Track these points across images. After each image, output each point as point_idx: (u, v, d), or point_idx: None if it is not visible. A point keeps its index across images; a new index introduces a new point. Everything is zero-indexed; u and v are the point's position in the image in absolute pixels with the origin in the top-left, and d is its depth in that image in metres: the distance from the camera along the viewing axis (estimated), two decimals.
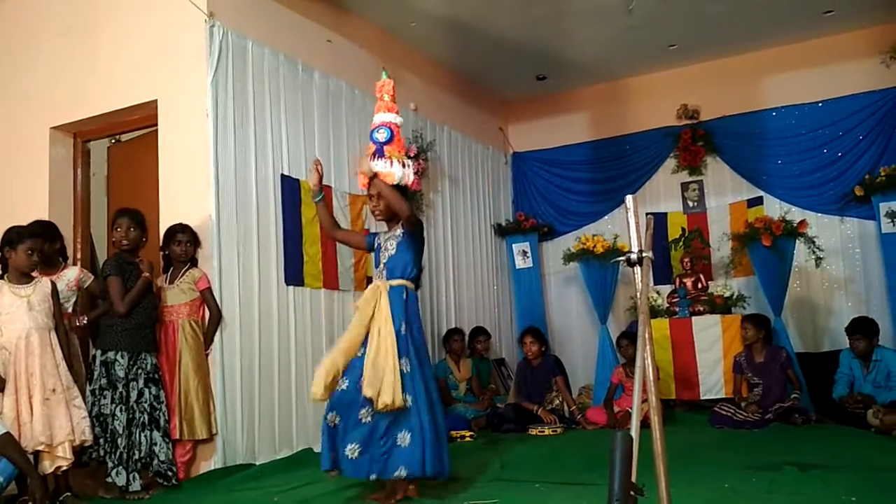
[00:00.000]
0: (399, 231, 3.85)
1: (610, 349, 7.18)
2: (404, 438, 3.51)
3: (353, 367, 3.62)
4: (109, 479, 4.02)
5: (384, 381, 3.44)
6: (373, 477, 3.53)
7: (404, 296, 3.75)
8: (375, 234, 4.06)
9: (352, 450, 3.52)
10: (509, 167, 8.77)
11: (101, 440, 4.04)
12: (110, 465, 4.03)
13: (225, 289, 4.75)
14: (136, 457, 4.09)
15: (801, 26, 7.07)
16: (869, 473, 3.71)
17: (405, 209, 3.77)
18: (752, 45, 7.45)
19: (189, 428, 4.42)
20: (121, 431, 4.05)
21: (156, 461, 4.19)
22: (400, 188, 3.86)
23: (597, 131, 8.37)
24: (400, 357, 3.56)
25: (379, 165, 3.84)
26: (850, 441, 4.76)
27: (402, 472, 3.47)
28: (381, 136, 3.95)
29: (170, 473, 4.22)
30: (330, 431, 3.62)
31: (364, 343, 3.66)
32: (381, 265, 3.86)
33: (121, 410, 4.08)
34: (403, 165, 3.88)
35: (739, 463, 4.13)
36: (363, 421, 3.53)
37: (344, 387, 3.61)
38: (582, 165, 8.42)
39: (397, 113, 4.08)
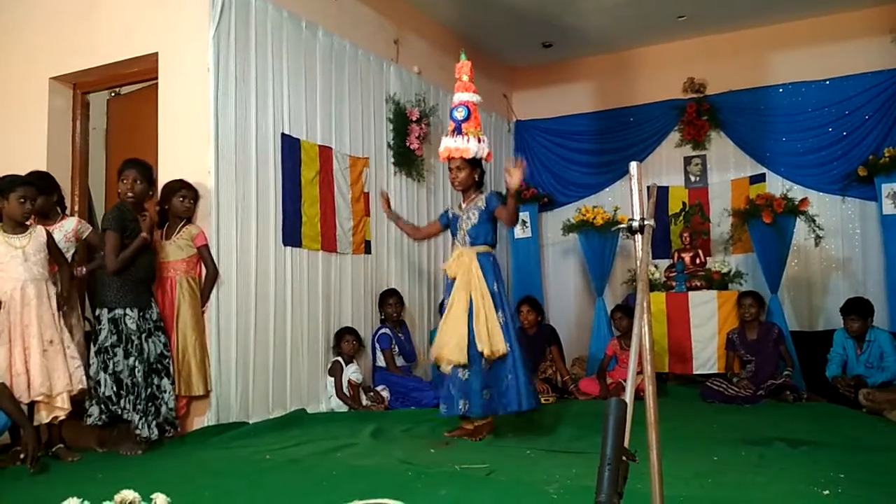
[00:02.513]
0: (481, 204, 4.43)
1: (605, 321, 7.20)
2: (512, 380, 4.26)
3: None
4: (138, 432, 4.02)
5: (492, 335, 4.17)
6: (500, 412, 4.28)
7: (491, 259, 4.42)
8: (444, 212, 4.79)
9: (485, 394, 4.23)
10: (512, 135, 8.71)
11: (120, 398, 4.03)
12: (136, 418, 4.02)
13: (222, 246, 4.74)
14: (154, 409, 4.11)
15: (812, 2, 6.97)
16: (857, 452, 3.72)
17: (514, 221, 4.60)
18: (761, 19, 7.35)
19: (185, 384, 4.44)
20: (141, 383, 4.04)
21: (164, 409, 4.22)
22: (475, 160, 4.43)
23: (602, 102, 8.30)
24: (497, 311, 4.27)
25: (455, 142, 4.36)
26: (840, 420, 4.78)
27: (514, 407, 4.25)
28: (460, 114, 4.44)
29: (176, 421, 4.29)
30: (458, 383, 4.24)
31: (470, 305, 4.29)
32: (463, 233, 4.46)
33: (139, 363, 4.06)
34: (479, 140, 4.41)
35: (729, 437, 4.15)
36: (484, 369, 4.22)
37: None
38: (585, 136, 8.35)
39: (475, 91, 4.53)
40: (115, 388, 4.03)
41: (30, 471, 3.52)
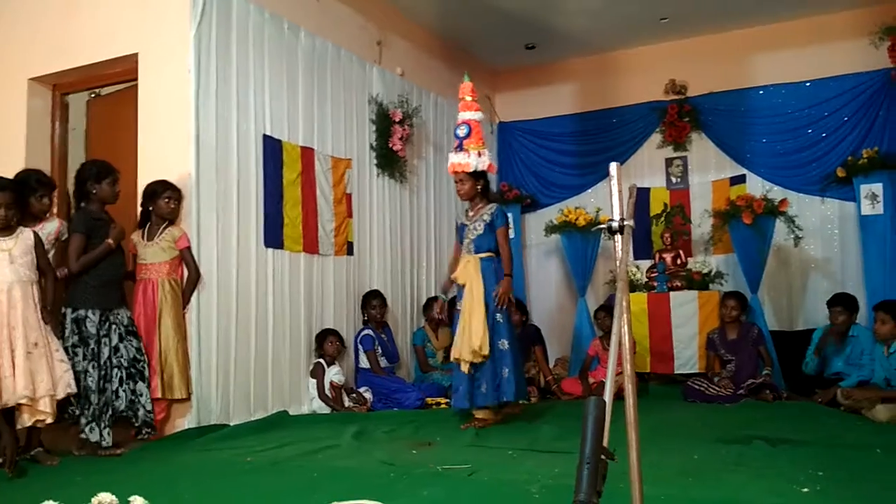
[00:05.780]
0: (487, 217, 4.76)
1: (587, 322, 7.23)
2: (505, 373, 4.64)
3: None
4: (83, 436, 4.01)
5: (477, 334, 4.55)
6: (493, 403, 4.65)
7: (494, 265, 4.75)
8: (456, 225, 5.10)
9: (483, 387, 4.64)
10: (495, 137, 8.71)
11: (75, 397, 4.01)
12: (83, 421, 4.01)
13: (203, 248, 4.72)
14: (110, 413, 4.08)
15: (792, 4, 7.03)
16: (837, 450, 3.76)
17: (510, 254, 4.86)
18: (742, 21, 7.41)
19: (168, 387, 4.43)
20: (93, 388, 4.03)
21: (142, 411, 4.22)
22: (478, 173, 4.77)
23: (584, 103, 8.33)
24: (497, 312, 4.65)
25: (458, 157, 4.73)
26: (819, 418, 4.81)
27: (507, 398, 4.66)
28: (462, 131, 4.80)
29: (153, 424, 4.29)
30: (468, 380, 4.66)
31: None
32: (469, 241, 4.80)
33: (93, 367, 4.05)
34: (479, 155, 4.73)
35: (710, 436, 4.17)
36: (483, 365, 4.63)
37: None
38: (568, 137, 8.38)
39: (477, 110, 4.90)
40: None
41: (8, 475, 3.49)
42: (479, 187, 4.85)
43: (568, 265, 7.64)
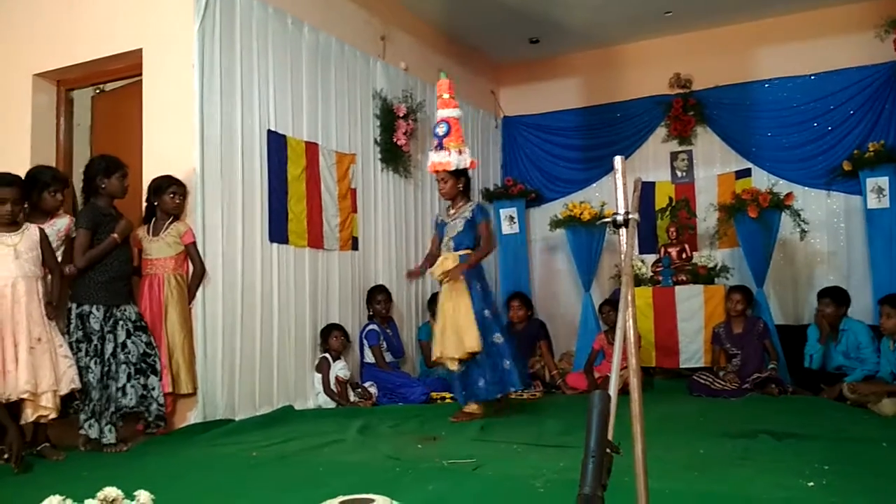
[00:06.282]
0: (468, 214, 4.80)
1: (592, 316, 7.21)
2: (506, 364, 4.70)
3: None
4: (82, 432, 4.02)
5: (468, 333, 4.59)
6: (498, 396, 4.77)
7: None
8: (435, 220, 5.15)
9: (481, 382, 4.69)
10: (499, 131, 8.70)
11: (80, 393, 4.02)
12: (83, 417, 4.02)
13: (208, 244, 4.73)
14: (113, 409, 4.09)
15: None
16: (843, 443, 3.75)
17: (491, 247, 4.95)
18: (747, 14, 7.38)
19: (174, 382, 4.44)
20: (94, 384, 4.03)
21: (154, 406, 4.23)
22: (459, 171, 4.78)
23: (588, 97, 8.31)
24: (485, 308, 4.71)
25: (438, 156, 4.73)
26: (825, 412, 4.81)
27: (514, 388, 4.81)
28: (441, 130, 4.78)
29: (165, 417, 4.30)
30: (460, 377, 4.76)
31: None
32: (448, 239, 4.83)
33: (95, 363, 4.05)
34: (459, 153, 4.73)
35: (715, 430, 4.17)
36: (478, 361, 4.67)
37: None
38: (572, 132, 8.37)
39: (455, 107, 4.87)
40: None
41: (14, 470, 3.50)
42: (460, 186, 4.89)
43: (573, 259, 7.62)
